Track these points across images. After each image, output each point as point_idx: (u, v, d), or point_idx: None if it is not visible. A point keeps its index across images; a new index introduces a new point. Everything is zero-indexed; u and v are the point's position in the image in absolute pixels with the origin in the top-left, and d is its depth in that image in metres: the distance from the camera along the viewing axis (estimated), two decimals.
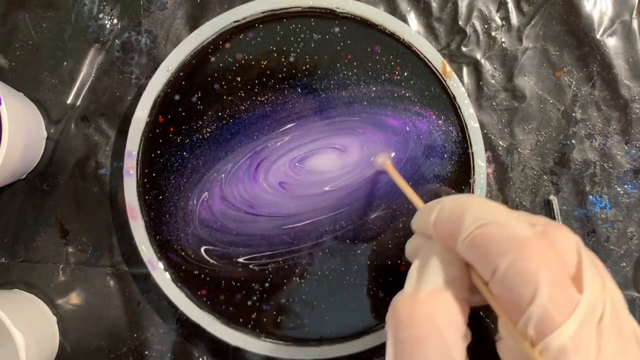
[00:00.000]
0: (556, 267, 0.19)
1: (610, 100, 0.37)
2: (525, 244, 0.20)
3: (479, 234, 0.20)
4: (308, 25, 0.35)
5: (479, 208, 0.21)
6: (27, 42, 0.37)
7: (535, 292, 0.19)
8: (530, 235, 0.20)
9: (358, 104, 0.35)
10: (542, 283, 0.19)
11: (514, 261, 0.19)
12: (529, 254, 0.19)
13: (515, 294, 0.19)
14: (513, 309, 0.19)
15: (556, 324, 0.18)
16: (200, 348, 0.36)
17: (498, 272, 0.20)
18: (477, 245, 0.20)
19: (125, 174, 0.35)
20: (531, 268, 0.19)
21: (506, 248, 0.20)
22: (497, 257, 0.20)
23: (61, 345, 0.36)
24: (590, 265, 0.20)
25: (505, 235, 0.20)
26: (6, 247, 0.37)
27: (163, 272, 0.34)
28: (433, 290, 0.21)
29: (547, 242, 0.20)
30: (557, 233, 0.21)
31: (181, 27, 0.38)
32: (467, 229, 0.21)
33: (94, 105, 0.37)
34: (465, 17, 0.38)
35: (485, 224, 0.20)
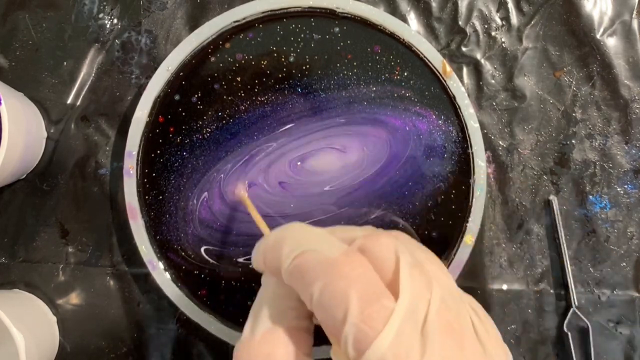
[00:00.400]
0: (365, 281, 0.19)
1: (610, 100, 0.37)
2: (334, 265, 0.19)
3: (295, 264, 0.20)
4: (308, 25, 0.35)
5: (295, 237, 0.21)
6: (27, 42, 0.37)
7: (346, 311, 0.18)
8: (340, 256, 0.20)
9: (358, 104, 0.35)
10: (351, 301, 0.18)
11: (324, 285, 0.19)
12: (337, 275, 0.19)
13: (330, 317, 0.19)
14: (333, 332, 0.19)
15: (371, 339, 0.18)
16: (200, 348, 0.36)
17: (314, 298, 0.19)
18: (294, 275, 0.20)
19: (125, 174, 0.35)
20: (339, 288, 0.19)
21: (318, 273, 0.19)
22: (311, 284, 0.19)
23: (61, 345, 0.36)
24: (409, 268, 0.20)
25: (316, 261, 0.20)
26: (6, 247, 0.37)
27: (163, 272, 0.34)
28: (268, 328, 0.21)
29: (357, 258, 0.20)
30: (374, 243, 0.21)
31: (181, 27, 0.38)
32: (285, 260, 0.21)
33: (94, 105, 0.37)
34: (465, 17, 0.38)
35: (300, 253, 0.20)
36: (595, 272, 0.37)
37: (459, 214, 0.35)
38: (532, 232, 0.37)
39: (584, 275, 0.37)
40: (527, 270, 0.37)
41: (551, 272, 0.37)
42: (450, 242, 0.35)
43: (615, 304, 0.36)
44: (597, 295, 0.37)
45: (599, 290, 0.37)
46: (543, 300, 0.36)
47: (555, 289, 0.37)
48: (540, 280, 0.37)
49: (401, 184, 0.35)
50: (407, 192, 0.35)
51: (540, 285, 0.37)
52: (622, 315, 0.36)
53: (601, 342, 0.36)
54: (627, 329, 0.36)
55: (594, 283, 0.37)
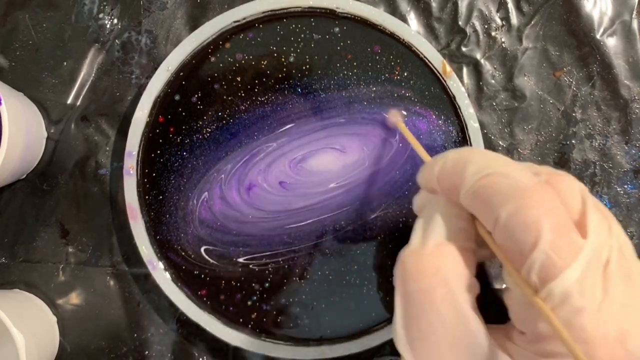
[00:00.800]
0: (558, 214, 0.19)
1: (610, 100, 0.37)
2: (526, 192, 0.20)
3: (481, 185, 0.20)
4: (308, 25, 0.35)
5: (481, 159, 0.21)
6: (27, 42, 0.37)
7: (537, 238, 0.19)
8: (532, 184, 0.20)
9: (358, 104, 0.35)
10: (544, 230, 0.19)
11: (515, 209, 0.19)
12: (530, 202, 0.19)
13: (517, 242, 0.19)
14: (516, 257, 0.19)
15: (559, 270, 0.18)
16: (200, 348, 0.36)
17: (500, 220, 0.20)
18: (479, 196, 0.20)
19: (125, 174, 0.35)
20: (533, 215, 0.19)
21: (508, 197, 0.20)
22: (499, 207, 0.20)
23: (61, 345, 0.36)
24: (595, 211, 0.20)
25: (506, 185, 0.20)
26: (6, 247, 0.37)
27: (163, 272, 0.34)
28: (439, 242, 0.22)
29: (550, 190, 0.20)
30: (561, 181, 0.21)
31: (181, 27, 0.38)
32: (469, 180, 0.21)
33: (94, 105, 0.37)
34: (465, 17, 0.38)
35: (487, 174, 0.20)
36: None
37: None
38: None
39: None
40: None
41: None
42: None
43: None
44: None
45: None
46: None
47: None
48: None
49: (401, 184, 0.35)
50: (407, 191, 0.35)
51: None
52: None
53: None
54: None
55: None
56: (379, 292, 0.34)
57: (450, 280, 0.21)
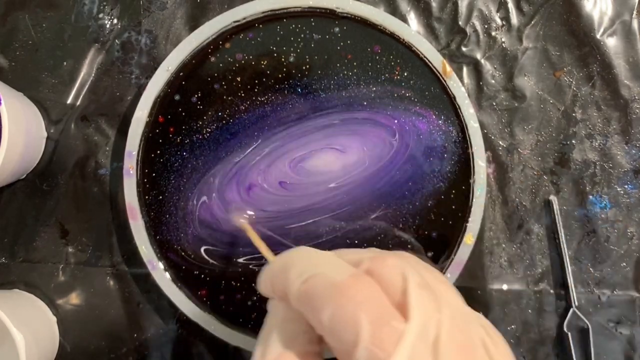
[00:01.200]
0: (375, 304, 0.19)
1: (610, 100, 0.37)
2: (342, 289, 0.19)
3: (303, 289, 0.20)
4: (308, 25, 0.35)
5: (301, 262, 0.21)
6: (27, 42, 0.37)
7: (357, 335, 0.18)
8: (347, 278, 0.20)
9: (358, 104, 0.35)
10: (362, 325, 0.18)
11: (333, 310, 0.19)
12: (345, 299, 0.19)
13: (342, 342, 0.19)
14: (344, 356, 0.19)
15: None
16: (200, 348, 0.36)
17: (323, 323, 0.19)
18: (302, 300, 0.20)
19: (125, 174, 0.35)
20: (349, 312, 0.19)
21: (326, 299, 0.19)
22: (320, 310, 0.19)
23: (61, 345, 0.36)
24: (418, 288, 0.20)
25: (323, 286, 0.20)
26: (6, 247, 0.37)
27: (163, 272, 0.34)
28: (279, 353, 0.21)
29: (365, 280, 0.20)
30: (382, 265, 0.20)
31: (181, 27, 0.38)
32: (292, 285, 0.21)
33: (94, 105, 0.37)
34: (465, 17, 0.38)
35: (307, 277, 0.20)
36: (595, 272, 0.37)
37: (459, 214, 0.35)
38: (532, 232, 0.37)
39: (584, 275, 0.37)
40: (527, 270, 0.37)
41: (551, 272, 0.37)
42: (450, 242, 0.35)
43: (615, 304, 0.36)
44: (597, 295, 0.37)
45: (599, 290, 0.37)
46: (543, 300, 0.36)
47: (555, 289, 0.37)
48: (540, 280, 0.37)
49: (401, 184, 0.35)
50: (407, 192, 0.35)
51: (540, 285, 0.37)
52: (622, 315, 0.36)
53: (601, 342, 0.36)
54: (627, 329, 0.36)
55: (594, 283, 0.37)
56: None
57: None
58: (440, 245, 0.35)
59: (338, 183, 0.35)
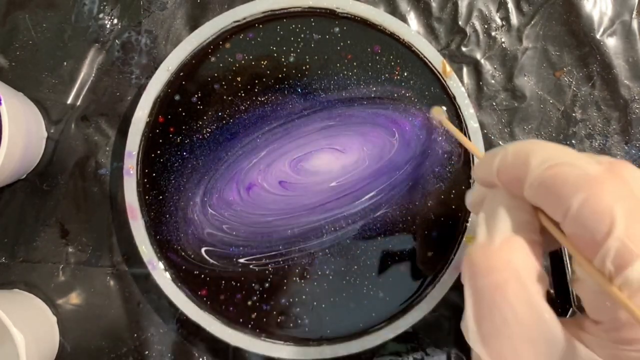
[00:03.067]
0: (630, 201, 0.19)
1: (610, 100, 0.37)
2: (596, 181, 0.20)
3: (548, 175, 0.20)
4: (308, 25, 0.35)
5: (544, 150, 0.21)
6: (27, 42, 0.37)
7: (611, 226, 0.19)
8: (601, 173, 0.20)
9: (358, 104, 0.35)
10: (617, 217, 0.19)
11: (587, 198, 0.19)
12: (601, 191, 0.19)
13: (590, 231, 0.19)
14: (589, 246, 0.19)
15: (635, 257, 0.18)
16: (200, 348, 0.36)
17: (571, 210, 0.20)
18: (547, 186, 0.20)
19: (125, 174, 0.35)
20: (605, 203, 0.19)
21: (578, 186, 0.20)
22: (569, 196, 0.20)
23: (61, 345, 0.36)
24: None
25: (575, 175, 0.20)
26: (6, 247, 0.37)
27: (163, 272, 0.34)
28: (506, 236, 0.22)
29: (618, 178, 0.20)
30: (624, 168, 0.21)
31: (181, 27, 0.38)
32: (534, 172, 0.21)
33: (94, 105, 0.37)
34: (465, 17, 0.38)
35: (554, 165, 0.20)
36: None
37: (459, 214, 0.35)
38: None
39: None
40: None
41: (551, 272, 0.37)
42: (450, 242, 0.35)
43: None
44: None
45: None
46: None
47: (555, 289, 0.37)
48: None
49: (401, 184, 0.35)
50: (407, 191, 0.35)
51: None
52: None
53: None
54: None
55: None
56: (379, 292, 0.34)
57: (522, 274, 0.21)
58: (440, 245, 0.35)
59: (338, 183, 0.35)
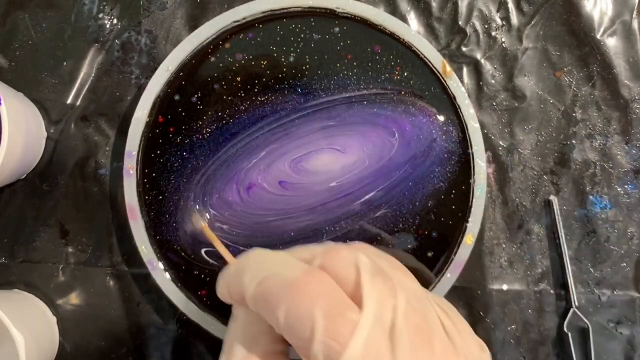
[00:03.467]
0: (328, 298, 0.19)
1: (610, 100, 0.37)
2: (295, 286, 0.19)
3: (258, 291, 0.20)
4: (308, 25, 0.35)
5: (255, 264, 0.21)
6: (27, 42, 0.37)
7: (312, 330, 0.18)
8: (300, 276, 0.20)
9: (358, 104, 0.35)
10: (316, 319, 0.18)
11: (288, 307, 0.19)
12: (299, 296, 0.19)
13: (299, 339, 0.19)
14: (304, 352, 0.19)
15: (339, 353, 0.18)
16: (200, 348, 0.36)
17: (280, 322, 0.19)
18: (259, 302, 0.20)
19: (125, 174, 0.35)
20: (303, 308, 0.19)
21: (280, 297, 0.20)
22: (276, 309, 0.20)
23: (61, 345, 0.36)
24: (371, 276, 0.20)
25: (278, 284, 0.20)
26: (6, 247, 0.37)
27: (163, 272, 0.34)
28: (243, 356, 0.21)
29: (319, 275, 0.20)
30: (336, 257, 0.21)
31: (181, 27, 0.38)
32: (248, 289, 0.21)
33: (94, 105, 0.37)
34: (465, 17, 0.38)
35: (262, 279, 0.20)
36: (595, 272, 0.37)
37: (459, 214, 0.35)
38: (532, 232, 0.37)
39: (584, 275, 0.37)
40: (527, 270, 0.37)
41: (551, 272, 0.37)
42: (450, 242, 0.35)
43: (615, 304, 0.36)
44: (597, 295, 0.37)
45: (599, 290, 0.37)
46: (543, 301, 0.36)
47: (555, 289, 0.37)
48: (540, 281, 0.37)
49: (401, 184, 0.35)
50: (407, 192, 0.35)
51: (540, 286, 0.37)
52: (622, 315, 0.36)
53: (601, 342, 0.36)
54: (627, 329, 0.36)
55: (594, 283, 0.37)
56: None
57: None
58: (440, 245, 0.35)
59: (338, 183, 0.35)
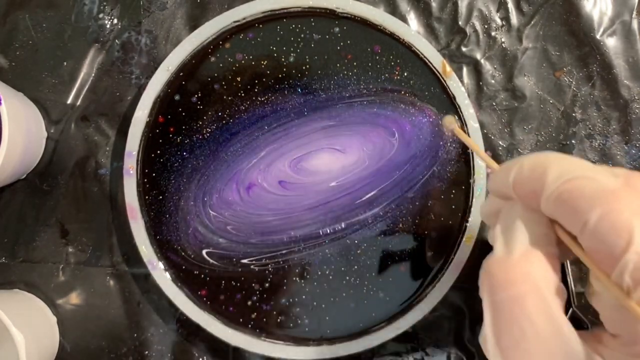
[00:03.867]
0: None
1: (610, 100, 0.37)
2: (614, 195, 0.20)
3: (566, 189, 0.20)
4: (308, 25, 0.35)
5: (561, 164, 0.21)
6: (27, 42, 0.37)
7: (630, 240, 0.19)
8: (618, 186, 0.20)
9: (358, 104, 0.35)
10: (636, 231, 0.19)
11: (605, 212, 0.19)
12: (618, 205, 0.19)
13: (608, 245, 0.19)
14: (606, 260, 0.19)
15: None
16: (200, 348, 0.36)
17: (589, 224, 0.20)
18: (564, 200, 0.20)
19: (125, 174, 0.35)
20: (623, 218, 0.19)
21: (595, 201, 0.20)
22: (587, 211, 0.20)
23: (61, 345, 0.36)
24: None
25: (592, 189, 0.20)
26: (6, 247, 0.37)
27: (163, 272, 0.34)
28: (525, 249, 0.22)
29: (634, 192, 0.20)
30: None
31: (181, 27, 0.38)
32: (551, 185, 0.21)
33: (94, 105, 0.37)
34: (465, 17, 0.38)
35: (571, 179, 0.20)
36: None
37: (459, 214, 0.35)
38: None
39: (584, 275, 0.37)
40: None
41: None
42: (450, 242, 0.35)
43: None
44: None
45: None
46: None
47: None
48: None
49: (401, 184, 0.35)
50: (407, 191, 0.35)
51: None
52: None
53: None
54: None
55: None
56: (379, 292, 0.34)
57: (541, 287, 0.21)
58: (440, 245, 0.35)
59: (338, 182, 0.35)
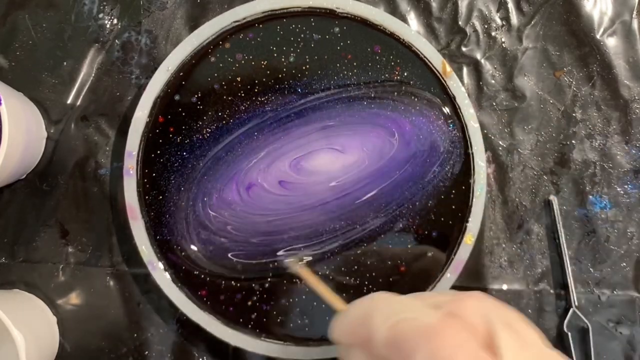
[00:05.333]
0: (469, 347, 0.19)
1: (610, 100, 0.37)
2: (435, 332, 0.20)
3: (392, 334, 0.20)
4: (308, 25, 0.35)
5: (385, 307, 0.22)
6: (27, 42, 0.37)
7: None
8: (438, 322, 0.20)
9: (358, 104, 0.35)
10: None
11: (429, 354, 0.19)
12: (441, 343, 0.19)
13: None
14: None
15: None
16: (200, 348, 0.36)
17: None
18: (392, 345, 0.20)
19: (125, 174, 0.35)
20: (446, 356, 0.19)
21: (419, 342, 0.20)
22: (412, 353, 0.20)
23: (61, 345, 0.36)
24: (503, 329, 0.20)
25: (416, 329, 0.20)
26: (6, 247, 0.37)
27: (163, 272, 0.34)
28: None
29: (456, 324, 0.20)
30: (464, 307, 0.21)
31: (181, 27, 0.38)
32: (378, 330, 0.21)
33: (94, 105, 0.37)
34: (465, 17, 0.38)
35: (395, 322, 0.20)
36: (595, 272, 0.37)
37: (459, 214, 0.35)
38: (532, 232, 0.37)
39: (584, 275, 0.37)
40: (527, 270, 0.37)
41: (551, 272, 0.37)
42: (450, 242, 0.35)
43: (615, 304, 0.36)
44: (597, 295, 0.37)
45: (599, 290, 0.37)
46: (543, 300, 0.36)
47: (555, 289, 0.37)
48: (540, 280, 0.37)
49: (401, 184, 0.35)
50: (407, 192, 0.35)
51: (540, 285, 0.37)
52: (622, 315, 0.36)
53: (601, 342, 0.36)
54: (627, 329, 0.36)
55: (594, 283, 0.37)
56: (378, 291, 0.34)
57: None
58: (440, 245, 0.35)
59: (338, 182, 0.35)
